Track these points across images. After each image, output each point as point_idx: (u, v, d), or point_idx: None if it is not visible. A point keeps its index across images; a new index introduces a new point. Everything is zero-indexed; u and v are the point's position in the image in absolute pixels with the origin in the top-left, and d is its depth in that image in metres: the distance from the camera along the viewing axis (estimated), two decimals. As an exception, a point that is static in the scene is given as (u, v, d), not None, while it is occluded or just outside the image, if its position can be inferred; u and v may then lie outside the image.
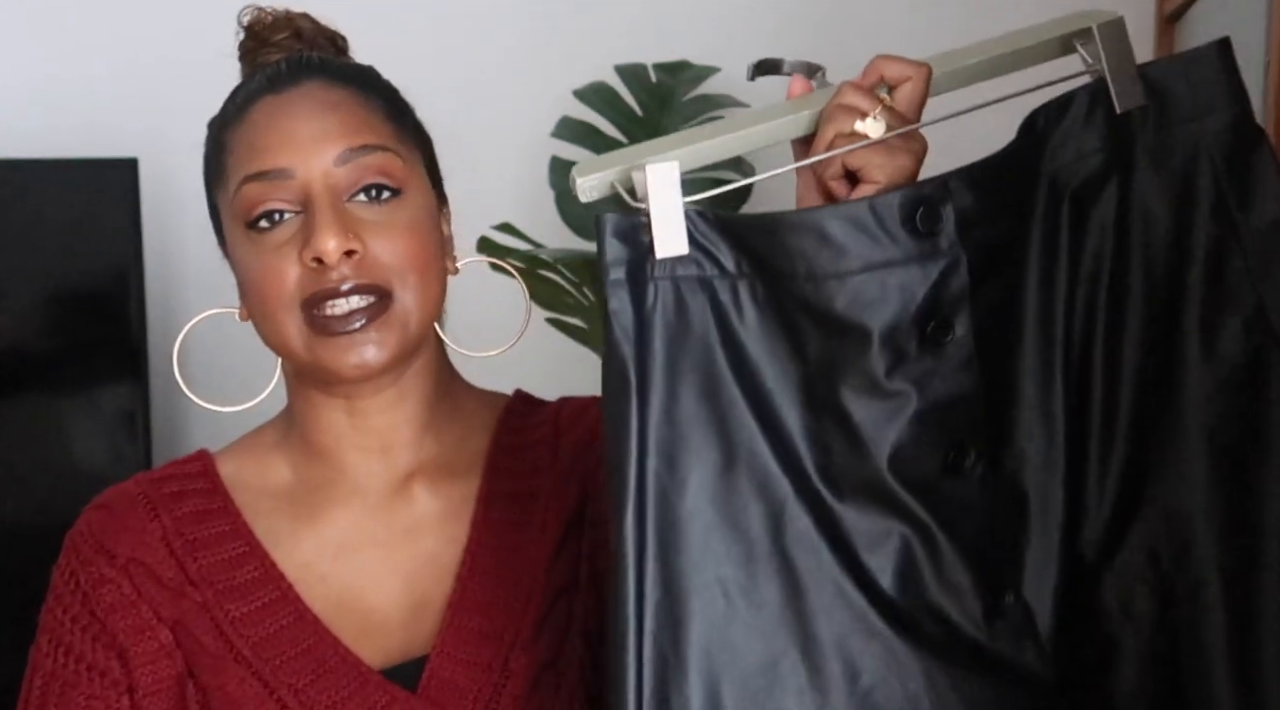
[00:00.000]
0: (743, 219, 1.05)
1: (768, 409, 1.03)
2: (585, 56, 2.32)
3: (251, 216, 1.16)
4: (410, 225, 1.17)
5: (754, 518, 1.03)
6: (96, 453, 2.25)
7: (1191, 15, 2.19)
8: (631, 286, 1.01)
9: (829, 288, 1.01)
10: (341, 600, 1.20)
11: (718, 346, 1.02)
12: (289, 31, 1.24)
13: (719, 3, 2.42)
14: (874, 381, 1.02)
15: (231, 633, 1.18)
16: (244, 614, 1.19)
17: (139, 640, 1.18)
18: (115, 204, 2.23)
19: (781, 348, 1.03)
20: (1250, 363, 1.05)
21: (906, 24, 2.39)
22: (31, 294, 2.25)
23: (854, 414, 1.02)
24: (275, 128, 1.17)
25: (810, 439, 1.03)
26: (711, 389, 1.02)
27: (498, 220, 2.18)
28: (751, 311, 1.02)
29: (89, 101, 2.38)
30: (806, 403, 1.03)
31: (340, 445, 1.22)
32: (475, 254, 2.10)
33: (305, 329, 1.15)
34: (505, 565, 1.20)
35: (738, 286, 1.02)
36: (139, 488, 1.23)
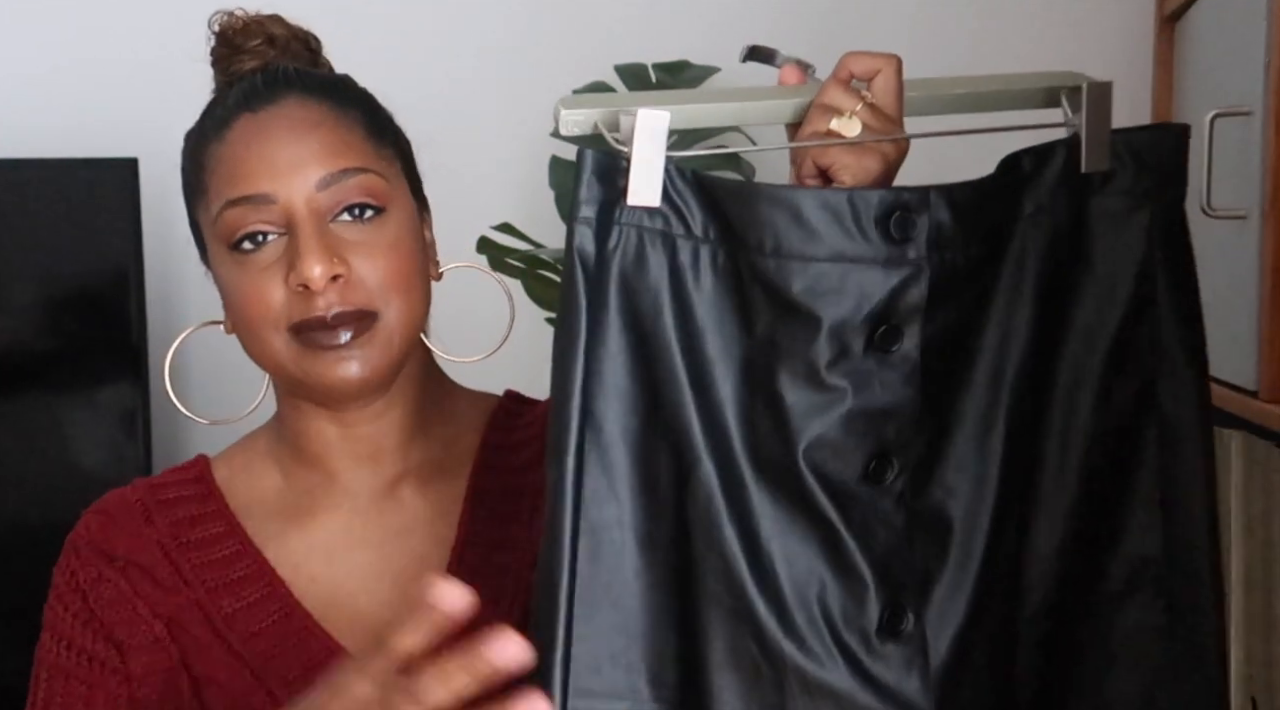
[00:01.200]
0: (721, 183, 1.05)
1: (703, 375, 1.03)
2: (585, 56, 2.31)
3: (234, 239, 1.17)
4: (394, 242, 1.18)
5: (663, 474, 1.03)
6: (96, 453, 2.25)
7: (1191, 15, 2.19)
8: (598, 226, 1.02)
9: (790, 268, 1.02)
10: (332, 600, 1.22)
11: (667, 305, 1.03)
12: (261, 38, 1.24)
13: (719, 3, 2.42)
14: (813, 371, 1.03)
15: (223, 627, 1.21)
16: (236, 609, 1.21)
17: (133, 632, 1.22)
18: (115, 204, 2.22)
19: (730, 319, 1.03)
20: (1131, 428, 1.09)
21: (906, 25, 2.39)
22: (31, 294, 2.25)
23: (786, 398, 1.03)
24: (254, 151, 1.17)
25: (740, 414, 1.03)
26: (652, 344, 1.03)
27: (498, 220, 2.18)
28: (708, 278, 1.03)
29: (89, 101, 2.39)
30: (743, 378, 1.03)
31: (329, 453, 1.24)
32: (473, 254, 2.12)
33: (294, 348, 1.16)
34: (492, 561, 1.22)
35: (700, 250, 1.03)
36: (136, 494, 1.26)
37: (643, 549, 1.04)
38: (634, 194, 1.01)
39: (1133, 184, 1.09)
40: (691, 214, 1.03)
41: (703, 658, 1.04)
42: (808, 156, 1.09)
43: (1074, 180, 1.08)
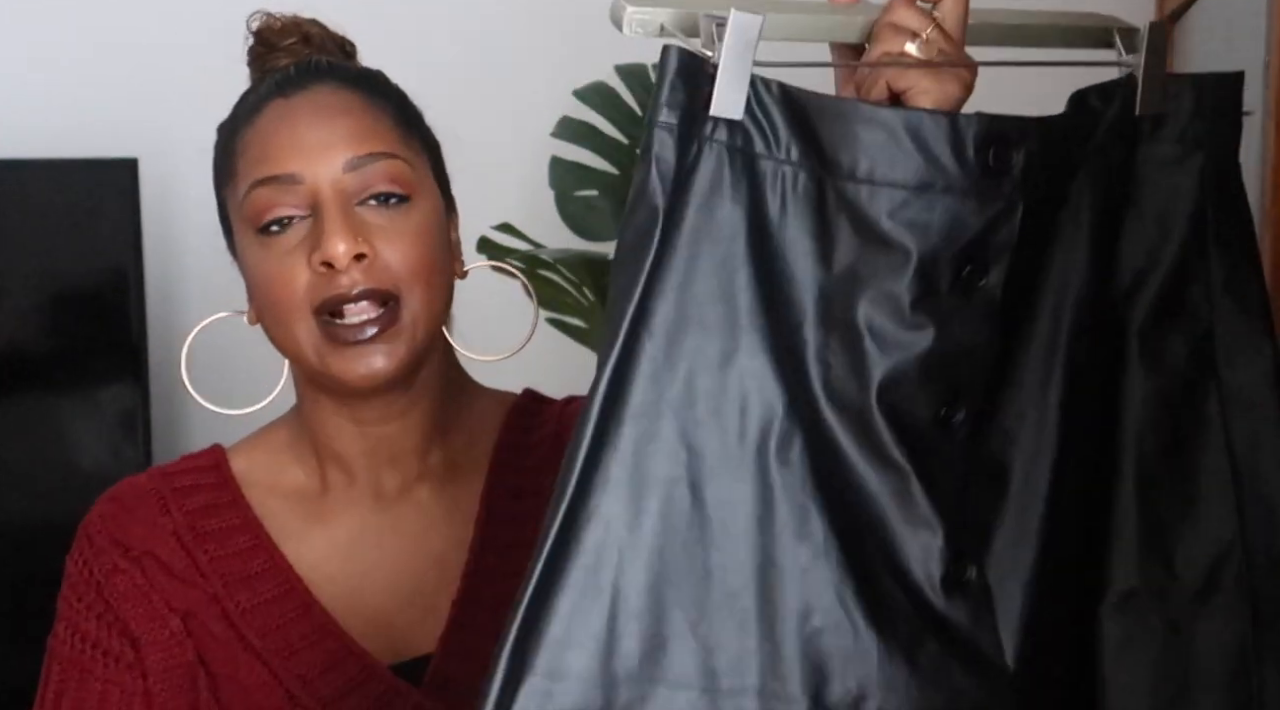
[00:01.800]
0: (813, 99, 0.96)
1: (781, 307, 0.97)
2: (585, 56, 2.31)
3: (261, 221, 1.17)
4: (418, 231, 1.18)
5: (739, 422, 0.96)
6: (96, 453, 2.25)
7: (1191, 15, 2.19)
8: (680, 136, 0.94)
9: (882, 195, 0.95)
10: (350, 599, 1.22)
11: (745, 231, 0.96)
12: (297, 37, 1.25)
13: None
14: (897, 306, 0.96)
15: (241, 623, 1.21)
16: (253, 605, 1.21)
17: (149, 626, 1.21)
18: (115, 204, 2.22)
19: (811, 247, 0.97)
20: (1186, 385, 1.05)
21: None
22: (31, 294, 2.25)
23: (865, 334, 0.96)
24: (283, 133, 1.18)
25: (815, 350, 0.97)
26: (728, 274, 0.96)
27: (498, 220, 2.18)
28: (791, 202, 0.96)
29: (89, 101, 2.38)
30: (820, 310, 0.97)
31: (349, 451, 1.24)
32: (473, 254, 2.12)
33: (318, 336, 1.17)
34: (509, 562, 1.21)
35: (782, 173, 0.96)
36: (151, 482, 1.26)
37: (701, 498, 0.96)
38: (718, 104, 0.93)
39: (1186, 129, 1.05)
40: (776, 132, 0.95)
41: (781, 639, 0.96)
42: (881, 77, 1.01)
43: (1129, 123, 1.04)
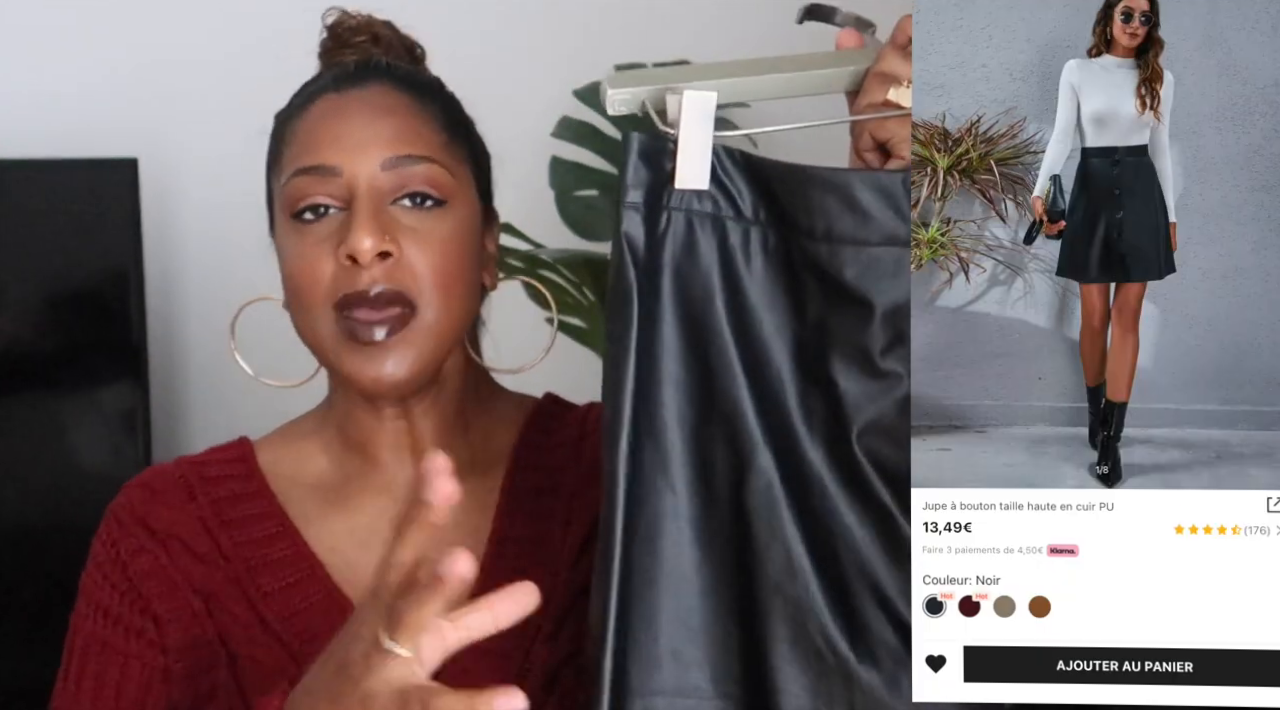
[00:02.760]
0: (771, 164, 1.03)
1: (757, 360, 1.02)
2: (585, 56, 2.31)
3: (297, 208, 1.20)
4: (448, 237, 1.20)
5: (720, 463, 1.03)
6: (96, 453, 2.25)
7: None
8: (647, 211, 1.02)
9: (844, 253, 1.01)
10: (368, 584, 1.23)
11: (719, 289, 1.02)
12: (368, 36, 1.28)
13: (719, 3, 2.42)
14: (866, 357, 1.02)
15: (262, 605, 1.23)
16: (275, 589, 1.24)
17: (171, 605, 1.24)
18: (115, 204, 2.23)
19: (782, 302, 1.03)
20: None
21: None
22: (31, 294, 2.25)
23: (840, 384, 1.02)
24: (330, 126, 1.21)
25: (796, 399, 1.03)
26: (705, 330, 1.02)
27: (498, 220, 2.18)
28: (759, 260, 1.02)
29: (89, 101, 2.39)
30: (797, 362, 1.02)
31: (373, 442, 1.27)
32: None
33: (335, 331, 1.19)
34: (527, 557, 1.23)
35: (750, 232, 1.02)
36: (179, 469, 1.29)
37: (700, 541, 1.03)
38: (682, 178, 1.01)
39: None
40: (742, 195, 1.02)
41: (765, 650, 1.03)
42: (865, 130, 1.06)
43: None
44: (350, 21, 1.29)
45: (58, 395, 2.26)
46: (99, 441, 2.26)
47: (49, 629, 1.41)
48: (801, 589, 1.02)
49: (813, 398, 1.02)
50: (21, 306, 2.25)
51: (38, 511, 2.21)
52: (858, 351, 1.01)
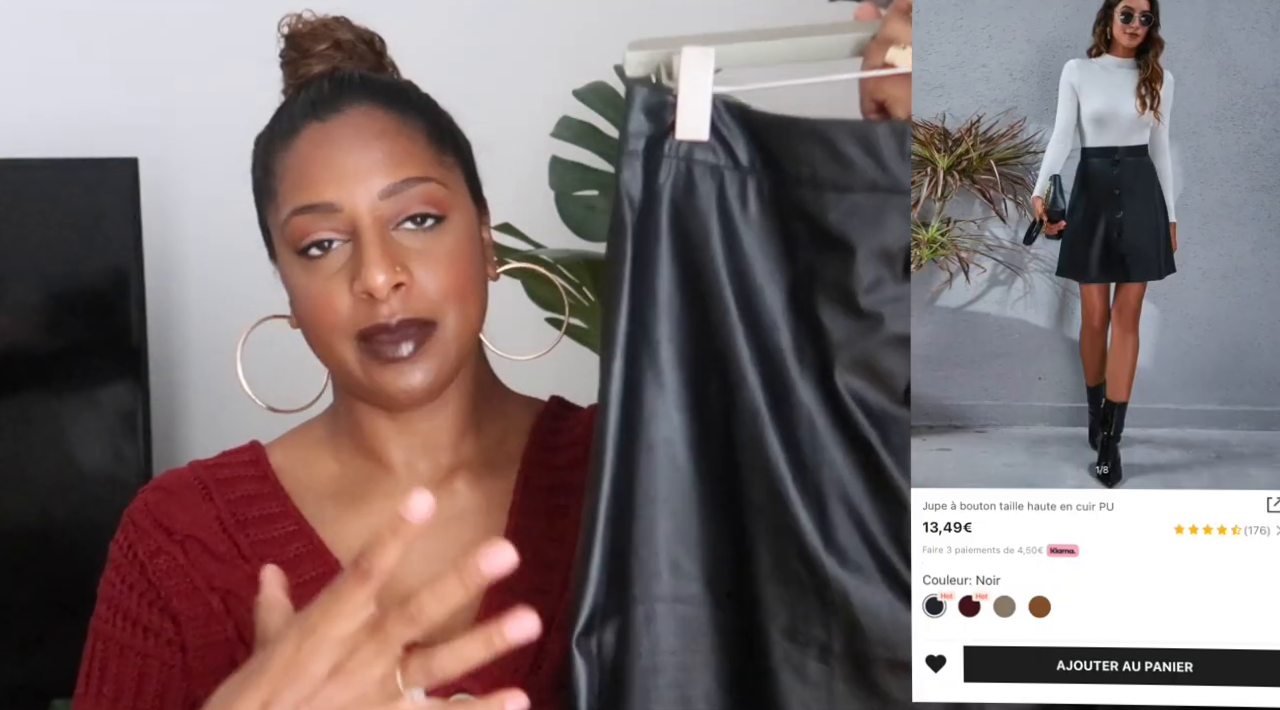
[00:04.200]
0: (764, 116, 1.09)
1: (751, 301, 1.08)
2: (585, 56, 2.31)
3: (301, 245, 1.22)
4: (454, 251, 1.23)
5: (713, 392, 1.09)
6: (96, 453, 2.25)
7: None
8: (646, 160, 1.08)
9: (827, 199, 1.06)
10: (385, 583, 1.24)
11: (716, 232, 1.08)
12: (329, 42, 1.29)
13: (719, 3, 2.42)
14: (849, 298, 1.07)
15: None
16: (293, 586, 1.23)
17: (189, 603, 1.25)
18: (115, 204, 2.22)
19: (774, 247, 1.08)
20: None
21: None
22: (31, 294, 2.25)
23: (826, 325, 1.08)
24: (321, 159, 1.22)
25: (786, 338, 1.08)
26: (701, 271, 1.08)
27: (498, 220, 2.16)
28: (755, 207, 1.08)
29: (89, 101, 2.38)
30: (788, 304, 1.08)
31: (386, 446, 1.29)
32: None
33: (359, 355, 1.22)
34: (542, 552, 1.26)
35: (746, 181, 1.08)
36: (194, 472, 1.30)
37: (696, 463, 1.10)
38: (682, 129, 1.06)
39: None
40: (739, 145, 1.07)
41: (751, 569, 1.09)
42: (866, 92, 1.10)
43: None
44: (306, 28, 1.28)
45: (58, 395, 2.26)
46: (99, 442, 2.26)
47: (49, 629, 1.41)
48: (782, 513, 1.08)
49: (802, 336, 1.08)
50: (21, 306, 2.25)
51: (38, 511, 2.21)
52: (841, 293, 1.07)
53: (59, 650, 1.32)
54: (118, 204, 2.22)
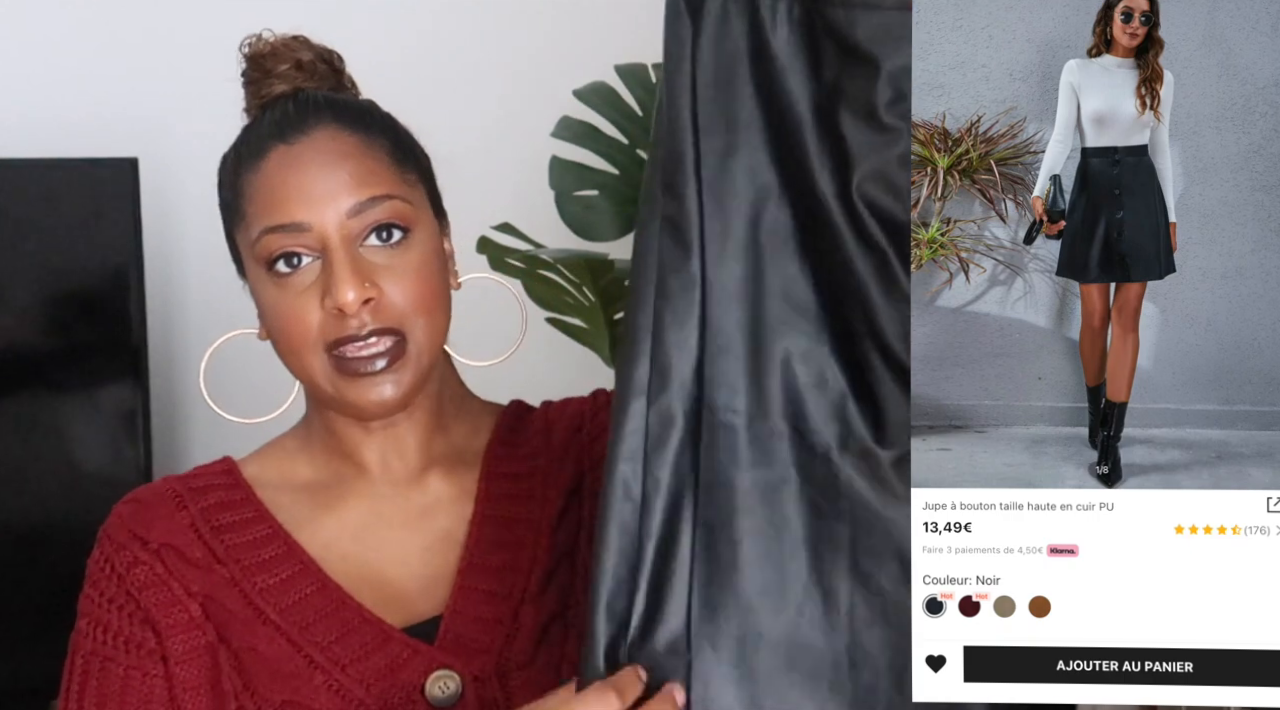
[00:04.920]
0: None
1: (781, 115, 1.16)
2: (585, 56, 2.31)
3: (271, 259, 1.26)
4: (419, 265, 1.28)
5: (739, 196, 1.17)
6: (96, 453, 2.25)
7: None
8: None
9: (856, 15, 1.14)
10: (361, 574, 1.31)
11: (747, 53, 1.16)
12: (290, 62, 1.32)
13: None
14: (872, 111, 1.14)
15: (259, 600, 1.28)
16: (270, 585, 1.29)
17: (169, 613, 1.27)
18: (115, 204, 2.22)
19: (802, 64, 1.16)
20: None
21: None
22: (31, 294, 2.25)
23: (848, 137, 1.15)
24: (289, 182, 1.27)
25: (812, 152, 1.16)
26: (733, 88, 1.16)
27: (498, 220, 2.18)
28: (785, 28, 1.16)
29: (89, 101, 2.38)
30: (814, 120, 1.16)
31: (359, 449, 1.34)
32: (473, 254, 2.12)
33: (330, 368, 1.27)
34: (508, 533, 1.32)
35: (778, 4, 1.16)
36: (166, 485, 1.33)
37: (721, 261, 1.17)
38: None
39: None
40: None
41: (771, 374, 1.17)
42: None
43: None
44: (266, 48, 1.33)
45: (58, 395, 2.26)
46: (99, 442, 2.26)
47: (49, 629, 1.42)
48: (805, 321, 1.16)
49: (826, 149, 1.15)
50: (21, 306, 2.25)
51: (38, 511, 2.21)
52: (864, 107, 1.14)
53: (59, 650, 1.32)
54: (118, 204, 2.22)
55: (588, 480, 1.35)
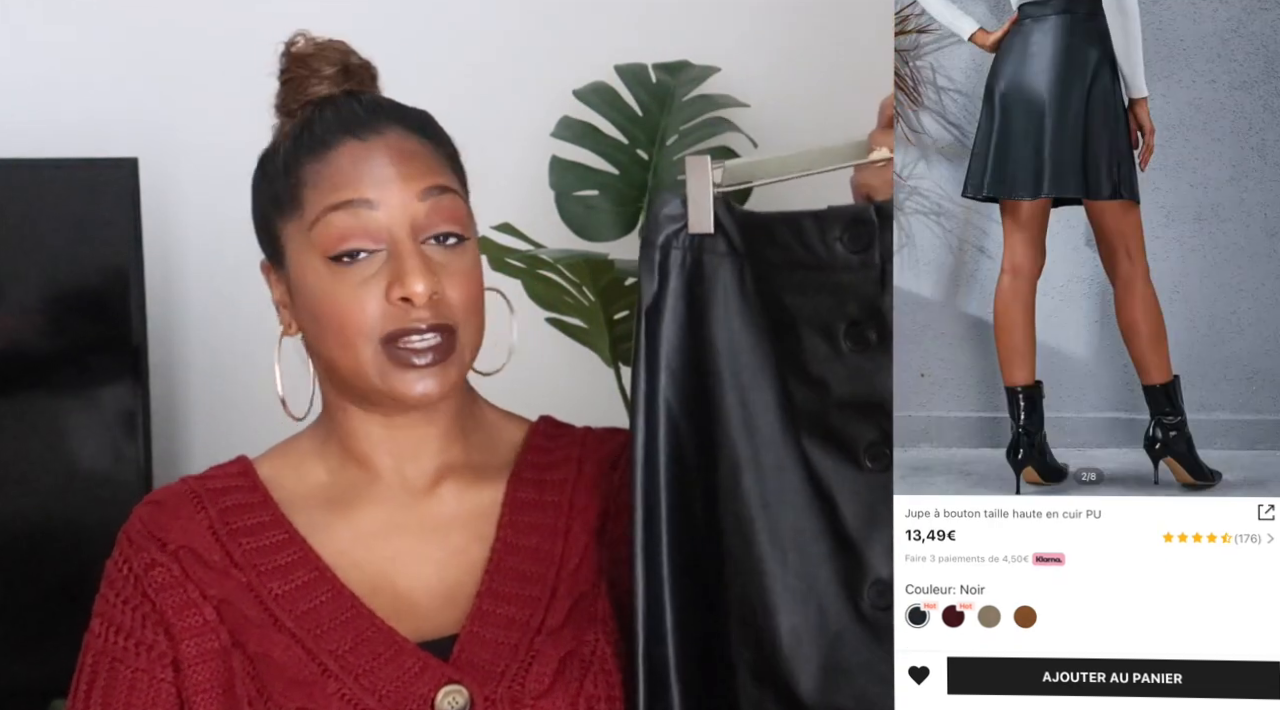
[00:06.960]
0: (749, 213, 1.30)
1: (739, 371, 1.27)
2: (585, 56, 2.31)
3: (335, 251, 1.29)
4: (470, 268, 1.33)
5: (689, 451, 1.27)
6: (96, 453, 2.25)
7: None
8: (662, 247, 1.29)
9: (780, 276, 1.25)
10: (376, 583, 1.33)
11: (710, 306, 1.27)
12: (338, 65, 1.36)
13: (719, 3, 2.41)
14: (800, 366, 1.24)
15: (274, 606, 1.30)
16: (285, 591, 1.31)
17: (184, 616, 1.30)
18: (115, 204, 2.22)
19: (751, 319, 1.26)
20: None
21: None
22: (31, 294, 2.24)
23: (791, 392, 1.24)
24: (361, 167, 1.31)
25: (768, 404, 1.25)
26: (697, 336, 1.27)
27: (498, 220, 2.17)
28: (745, 287, 1.27)
29: (89, 101, 2.38)
30: (770, 374, 1.26)
31: (375, 452, 1.36)
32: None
33: (382, 358, 1.29)
34: (529, 565, 1.34)
35: (735, 264, 1.27)
36: (185, 486, 1.36)
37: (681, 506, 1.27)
38: (692, 224, 1.28)
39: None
40: (732, 237, 1.28)
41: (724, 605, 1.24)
42: (855, 190, 1.29)
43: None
44: (312, 49, 1.35)
45: (58, 395, 2.26)
46: (99, 442, 2.25)
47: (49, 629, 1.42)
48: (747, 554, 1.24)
49: (779, 400, 1.24)
50: (21, 306, 2.25)
51: (38, 511, 2.21)
52: (794, 361, 1.25)
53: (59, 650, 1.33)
54: (118, 204, 2.22)
55: (609, 526, 1.36)
